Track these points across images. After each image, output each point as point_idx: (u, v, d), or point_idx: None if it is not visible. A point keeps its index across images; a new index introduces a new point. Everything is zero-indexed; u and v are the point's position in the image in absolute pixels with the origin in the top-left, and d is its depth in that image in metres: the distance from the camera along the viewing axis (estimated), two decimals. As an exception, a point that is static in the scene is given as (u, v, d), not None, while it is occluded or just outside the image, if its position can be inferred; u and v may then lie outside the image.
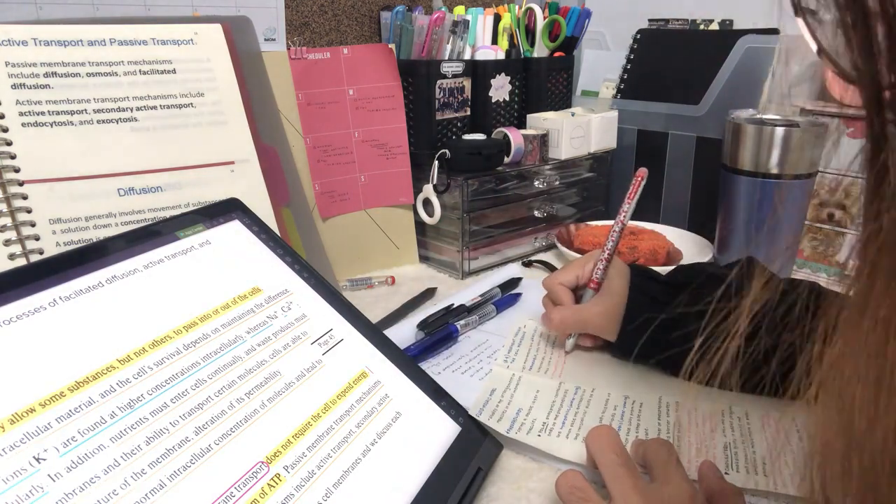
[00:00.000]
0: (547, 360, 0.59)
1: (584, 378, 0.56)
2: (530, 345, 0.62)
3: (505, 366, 0.57)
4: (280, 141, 0.67)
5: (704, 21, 1.05)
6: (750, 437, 0.47)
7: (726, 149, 0.74)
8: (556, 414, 0.50)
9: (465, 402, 0.48)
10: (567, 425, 0.49)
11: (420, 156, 0.82)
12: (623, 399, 0.52)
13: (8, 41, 0.50)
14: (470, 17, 0.86)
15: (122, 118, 0.54)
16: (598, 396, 0.53)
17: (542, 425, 0.48)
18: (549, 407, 0.51)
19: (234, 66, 0.61)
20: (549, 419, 0.49)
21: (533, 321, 0.66)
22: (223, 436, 0.35)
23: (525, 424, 0.48)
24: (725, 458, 0.45)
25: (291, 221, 0.65)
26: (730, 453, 0.45)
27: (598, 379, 0.56)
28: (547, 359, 0.59)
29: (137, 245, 0.42)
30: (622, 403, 0.52)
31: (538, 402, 0.52)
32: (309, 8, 1.05)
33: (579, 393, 0.53)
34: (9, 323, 0.33)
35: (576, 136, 0.87)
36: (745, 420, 0.49)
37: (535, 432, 0.47)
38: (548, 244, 0.90)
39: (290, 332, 0.43)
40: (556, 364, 0.58)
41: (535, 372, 0.57)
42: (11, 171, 0.49)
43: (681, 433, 0.47)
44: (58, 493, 0.28)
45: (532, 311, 0.68)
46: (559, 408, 0.51)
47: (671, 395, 0.53)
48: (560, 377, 0.56)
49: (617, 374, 0.57)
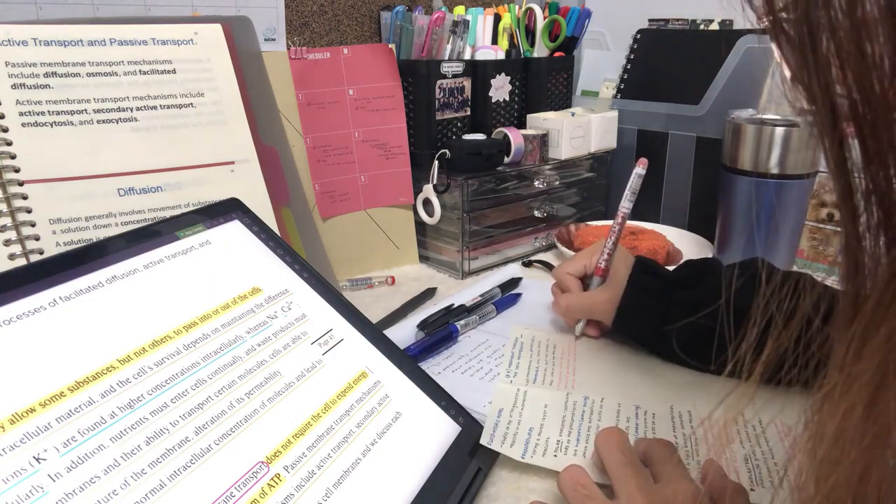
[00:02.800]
0: (550, 370, 0.57)
1: (591, 387, 0.54)
2: (530, 355, 0.60)
3: (508, 381, 0.55)
4: (280, 141, 0.67)
5: (704, 21, 1.05)
6: (767, 444, 0.46)
7: (726, 149, 0.74)
8: (570, 430, 0.48)
9: (465, 402, 0.48)
10: (582, 442, 0.47)
11: (420, 156, 0.82)
12: (635, 410, 0.51)
13: (8, 41, 0.50)
14: (470, 17, 0.86)
15: (122, 118, 0.54)
16: (608, 407, 0.51)
17: (556, 444, 0.47)
18: (560, 423, 0.49)
19: (234, 66, 0.61)
20: (563, 437, 0.47)
21: (529, 330, 0.65)
22: (223, 436, 0.35)
23: (539, 445, 0.46)
24: (748, 471, 0.43)
25: (291, 221, 0.65)
26: (751, 465, 0.44)
27: (605, 387, 0.54)
28: (549, 369, 0.57)
29: (137, 245, 0.42)
30: (634, 415, 0.50)
31: (549, 419, 0.50)
32: (309, 8, 1.05)
33: (588, 404, 0.51)
34: (9, 323, 0.33)
35: (576, 136, 0.87)
36: (760, 426, 0.48)
37: (552, 453, 0.46)
38: (548, 244, 0.90)
39: (290, 332, 0.43)
40: (561, 374, 0.57)
41: (540, 385, 0.55)
42: (11, 171, 0.49)
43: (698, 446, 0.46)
44: (58, 493, 0.28)
45: (532, 313, 0.69)
46: (570, 422, 0.49)
47: (683, 405, 0.51)
48: (566, 387, 0.54)
49: (624, 382, 0.55)
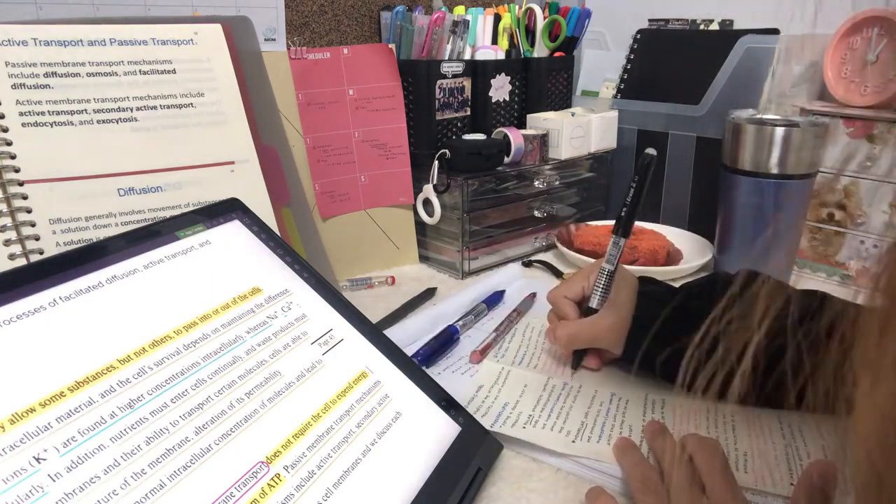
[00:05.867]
0: (537, 355, 0.60)
1: (571, 374, 0.57)
2: (521, 340, 0.63)
3: (495, 360, 0.58)
4: (280, 141, 0.67)
5: (704, 21, 1.05)
6: (734, 433, 0.48)
7: (726, 149, 0.74)
8: (543, 407, 0.51)
9: (464, 401, 0.48)
10: (553, 418, 0.49)
11: (420, 156, 0.81)
12: (610, 395, 0.53)
13: (8, 41, 0.50)
14: (470, 17, 0.86)
15: (122, 118, 0.54)
16: (585, 393, 0.53)
17: (527, 418, 0.49)
18: (535, 401, 0.52)
19: (234, 66, 0.61)
20: (535, 412, 0.50)
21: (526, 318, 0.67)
22: (223, 436, 0.35)
23: (510, 418, 0.49)
24: None
25: (291, 221, 0.65)
26: None
27: (587, 376, 0.56)
28: (537, 354, 0.60)
29: (137, 245, 0.42)
30: (608, 400, 0.52)
31: (525, 397, 0.52)
32: (309, 8, 1.05)
33: (567, 388, 0.54)
34: (9, 323, 0.33)
35: (576, 136, 0.87)
36: (730, 417, 0.49)
37: (521, 425, 0.48)
38: (548, 244, 0.90)
39: (290, 332, 0.43)
40: (546, 360, 0.59)
41: (525, 367, 0.58)
42: (11, 171, 0.49)
43: None
44: (58, 493, 0.28)
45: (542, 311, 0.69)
46: (546, 402, 0.52)
47: (658, 394, 0.53)
48: (549, 372, 0.57)
49: (607, 373, 0.57)
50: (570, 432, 0.48)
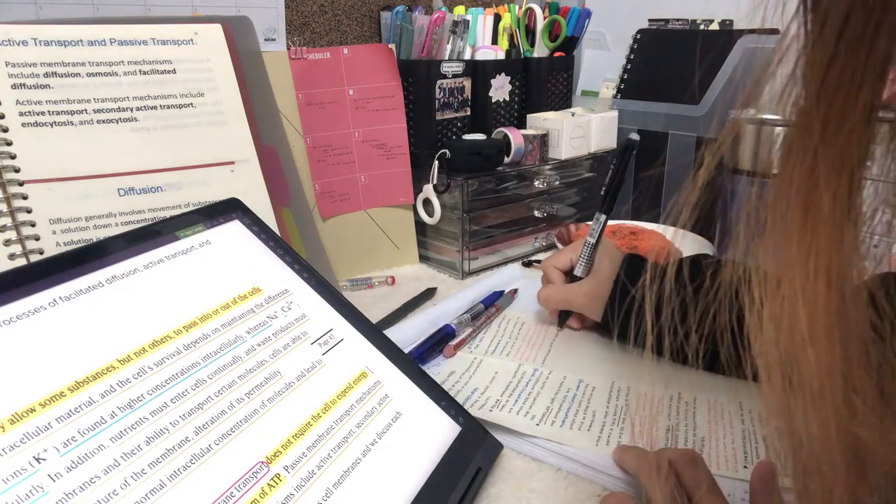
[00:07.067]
0: (511, 343, 0.62)
1: (543, 362, 0.58)
2: (496, 332, 0.65)
3: (468, 350, 0.60)
4: (280, 141, 0.67)
5: (704, 21, 1.05)
6: (693, 420, 0.49)
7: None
8: (511, 393, 0.53)
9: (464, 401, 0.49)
10: (520, 403, 0.51)
11: (420, 156, 0.81)
12: (577, 382, 0.54)
13: (8, 41, 0.50)
14: (470, 17, 0.86)
15: (122, 118, 0.54)
16: (553, 379, 0.55)
17: (495, 402, 0.51)
18: (504, 387, 0.54)
19: (234, 66, 0.61)
20: (503, 397, 0.52)
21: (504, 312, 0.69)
22: (223, 436, 0.35)
23: (478, 402, 0.51)
24: (666, 441, 0.47)
25: (291, 221, 0.65)
26: (671, 435, 0.47)
27: (556, 363, 0.58)
28: (511, 342, 0.62)
29: (137, 245, 0.42)
30: (575, 386, 0.54)
31: (495, 383, 0.54)
32: (309, 8, 1.05)
33: (536, 375, 0.56)
34: (9, 323, 0.33)
35: (576, 136, 0.87)
36: (692, 405, 0.51)
37: (487, 408, 0.50)
38: (548, 244, 0.90)
39: (290, 332, 0.43)
40: (520, 348, 0.61)
41: (498, 356, 0.59)
42: (11, 171, 0.49)
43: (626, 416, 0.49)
44: (58, 493, 0.28)
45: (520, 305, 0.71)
46: (515, 387, 0.54)
47: (623, 381, 0.55)
48: (520, 360, 0.58)
49: (576, 360, 0.59)
50: (535, 416, 0.49)
